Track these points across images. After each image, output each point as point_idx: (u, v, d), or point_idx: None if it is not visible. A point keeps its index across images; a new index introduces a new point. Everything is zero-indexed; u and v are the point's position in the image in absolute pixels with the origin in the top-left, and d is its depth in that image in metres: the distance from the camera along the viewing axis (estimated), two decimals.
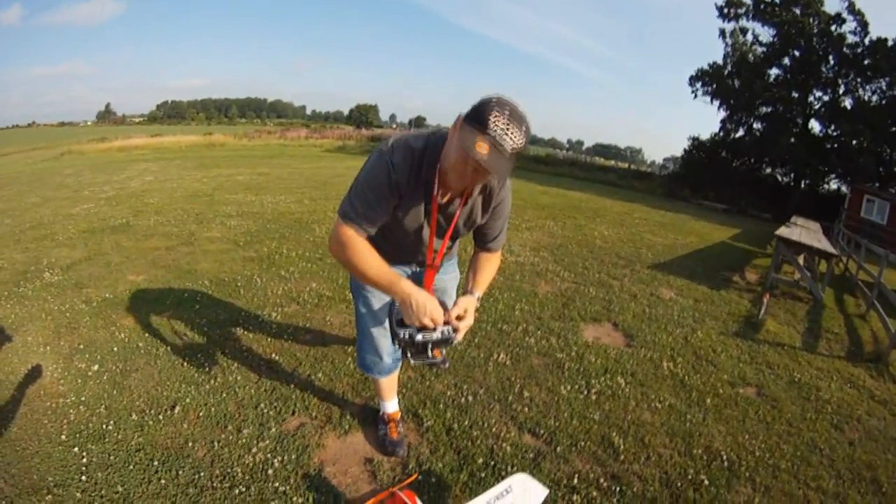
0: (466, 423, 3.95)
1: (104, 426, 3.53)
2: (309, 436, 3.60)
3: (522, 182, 22.12)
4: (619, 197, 22.80)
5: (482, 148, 2.00)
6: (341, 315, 5.57)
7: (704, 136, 38.47)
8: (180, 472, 3.18)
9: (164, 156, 23.79)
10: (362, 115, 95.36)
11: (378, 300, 3.03)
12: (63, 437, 3.41)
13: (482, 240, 2.88)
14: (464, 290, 2.82)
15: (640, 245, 11.46)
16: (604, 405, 4.45)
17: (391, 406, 3.66)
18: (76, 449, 3.30)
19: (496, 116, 2.01)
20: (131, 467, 3.19)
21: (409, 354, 2.47)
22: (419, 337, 2.38)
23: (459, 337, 2.48)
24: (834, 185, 34.56)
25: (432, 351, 2.44)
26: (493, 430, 3.93)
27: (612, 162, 44.86)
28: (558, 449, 3.81)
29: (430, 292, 2.61)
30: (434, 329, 2.39)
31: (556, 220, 13.06)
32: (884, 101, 30.22)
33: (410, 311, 2.32)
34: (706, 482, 3.63)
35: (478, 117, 2.04)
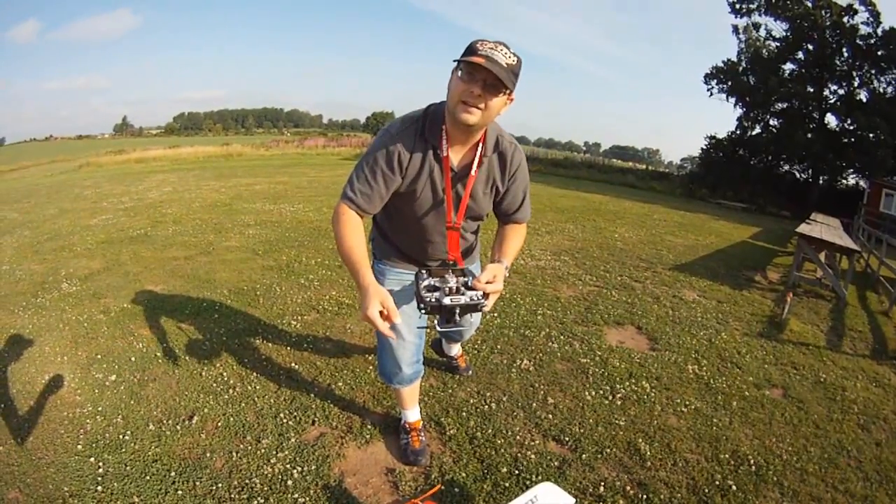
0: (490, 431, 3.90)
1: (121, 436, 3.49)
2: (329, 446, 3.55)
3: (541, 186, 22.07)
4: (638, 198, 22.71)
5: (478, 59, 2.08)
6: (361, 323, 5.47)
7: (721, 134, 38.22)
8: (198, 483, 3.14)
9: (181, 167, 23.97)
10: (379, 123, 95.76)
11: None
12: (79, 447, 3.38)
13: (506, 212, 2.84)
14: (490, 258, 2.72)
15: (661, 247, 11.37)
16: (629, 410, 4.40)
17: (412, 415, 3.60)
18: (92, 459, 3.27)
19: (482, 43, 2.14)
20: (148, 478, 3.15)
21: (436, 322, 2.38)
22: (447, 301, 2.30)
23: (489, 304, 2.40)
24: (852, 181, 34.31)
25: (461, 317, 2.35)
26: (517, 438, 3.87)
27: (630, 164, 44.73)
28: (584, 456, 3.75)
29: (458, 258, 2.69)
30: (462, 294, 2.34)
31: (575, 223, 13.00)
32: None
33: (365, 301, 2.23)
34: (734, 487, 3.57)
35: (466, 52, 2.16)
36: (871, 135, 30.47)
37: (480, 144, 2.46)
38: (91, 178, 19.12)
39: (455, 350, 4.43)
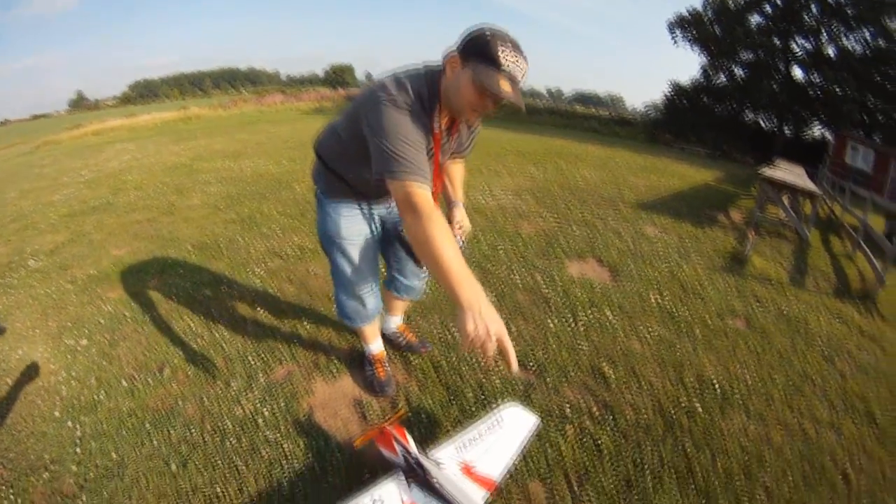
0: (454, 359, 3.99)
1: (95, 397, 3.56)
2: (297, 383, 3.64)
3: (501, 131, 21.75)
4: (601, 143, 22.40)
5: (505, 86, 2.09)
6: (324, 265, 5.46)
7: (685, 82, 37.82)
8: (172, 432, 3.23)
9: (140, 134, 23.51)
10: (338, 76, 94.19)
11: (354, 247, 2.99)
12: (56, 413, 3.44)
13: (455, 154, 2.91)
14: (447, 201, 2.98)
15: (623, 186, 11.29)
16: (592, 337, 4.49)
17: (376, 347, 3.68)
18: (70, 423, 3.34)
19: (503, 51, 2.09)
20: (124, 433, 3.23)
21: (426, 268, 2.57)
22: None
23: (465, 241, 2.69)
24: (818, 133, 34.12)
25: None
26: (482, 364, 3.95)
27: (593, 110, 44.21)
28: (548, 380, 3.86)
29: None
30: None
31: (537, 165, 12.91)
32: (868, 52, 29.75)
33: (472, 324, 1.78)
34: (700, 409, 3.69)
35: (487, 54, 2.11)
36: (837, 89, 30.28)
37: None
38: (49, 155, 18.77)
39: (396, 321, 4.10)
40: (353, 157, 2.60)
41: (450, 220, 2.89)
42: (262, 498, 2.83)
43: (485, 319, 1.80)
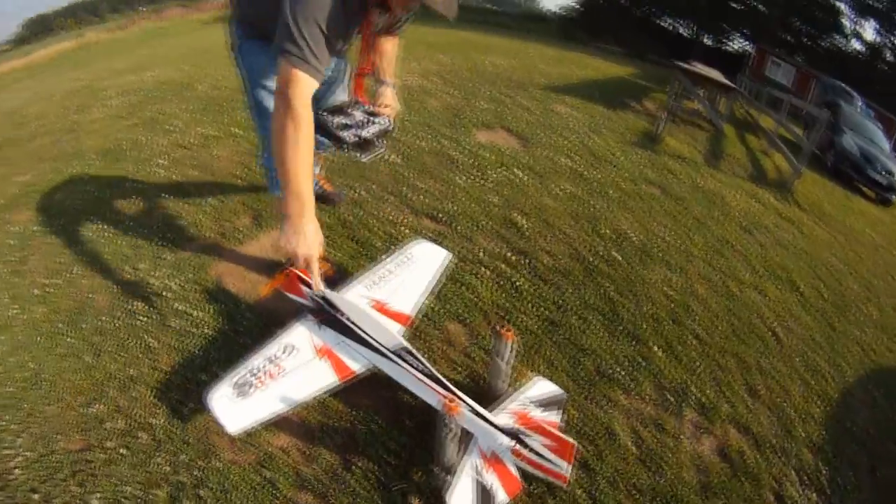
0: (362, 213, 4.05)
1: (10, 314, 3.49)
2: (204, 255, 3.66)
3: (409, 25, 21.15)
4: (513, 37, 21.61)
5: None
6: (228, 148, 5.50)
7: None
8: (84, 326, 3.22)
9: (37, 70, 22.49)
10: None
11: None
12: None
13: (387, 33, 2.95)
14: (377, 80, 3.07)
15: (534, 73, 11.07)
16: (503, 192, 4.60)
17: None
18: None
19: None
20: (39, 338, 3.20)
21: (359, 154, 2.72)
22: (365, 133, 2.64)
23: (393, 121, 2.85)
24: (738, 46, 33.68)
25: (380, 140, 2.75)
26: (390, 217, 4.04)
27: (505, 10, 43.16)
28: (459, 229, 3.96)
29: (361, 97, 2.87)
30: (372, 123, 2.68)
31: (444, 53, 12.34)
32: None
33: (304, 241, 2.32)
34: (619, 258, 3.85)
35: None
36: (762, 7, 29.98)
37: None
38: None
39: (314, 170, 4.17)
40: (268, 7, 2.41)
41: (378, 99, 2.94)
42: (175, 371, 2.88)
43: (299, 237, 2.28)
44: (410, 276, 2.98)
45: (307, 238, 2.32)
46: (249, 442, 2.50)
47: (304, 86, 2.16)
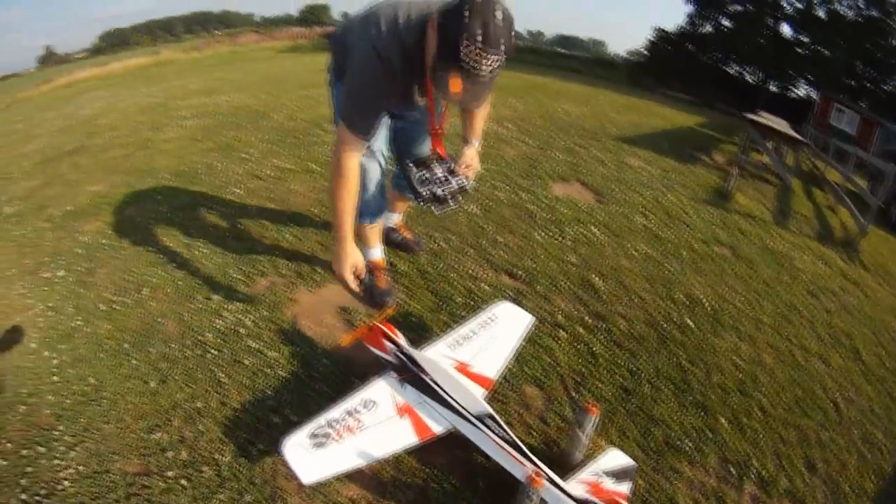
0: (441, 266, 3.98)
1: (73, 324, 3.45)
2: (280, 293, 3.59)
3: None
4: (582, 83, 21.92)
5: (455, 85, 2.06)
6: (305, 183, 5.49)
7: (670, 28, 37.32)
8: (151, 350, 3.16)
9: (112, 82, 22.97)
10: (313, 15, 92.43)
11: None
12: (33, 345, 3.32)
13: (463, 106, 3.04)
14: (463, 139, 3.15)
15: (605, 121, 11.09)
16: (580, 250, 4.54)
17: (377, 253, 3.60)
18: (46, 353, 3.22)
19: (467, 48, 1.97)
20: (102, 356, 3.15)
21: (433, 208, 2.88)
22: (440, 191, 2.80)
23: (471, 181, 3.01)
24: (803, 92, 33.61)
25: (454, 200, 2.87)
26: (470, 272, 3.97)
27: (575, 54, 43.92)
28: (538, 288, 3.89)
29: (442, 152, 2.97)
30: (449, 182, 2.83)
31: (517, 98, 12.52)
32: (860, 19, 29.17)
33: (342, 262, 2.71)
34: (692, 325, 3.76)
35: (450, 43, 2.02)
36: (826, 51, 29.89)
37: None
38: (20, 112, 18.39)
39: (395, 218, 4.15)
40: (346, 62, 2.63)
41: (461, 158, 3.06)
42: (245, 409, 2.78)
43: (337, 259, 2.73)
44: (494, 338, 2.92)
45: (340, 260, 2.70)
46: (319, 490, 2.39)
47: (350, 146, 2.52)
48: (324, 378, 2.95)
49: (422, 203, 2.87)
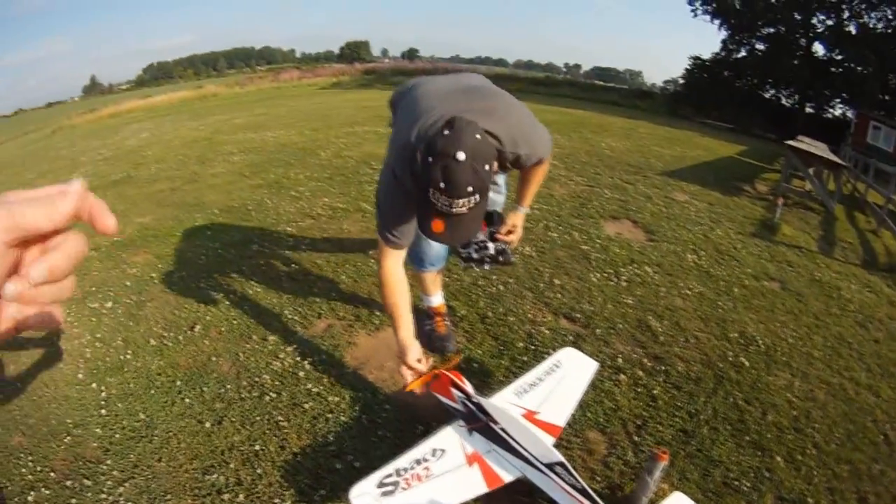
0: (501, 310, 3.92)
1: (122, 357, 3.42)
2: (338, 336, 3.52)
3: (523, 103, 21.70)
4: (622, 115, 21.95)
5: (437, 226, 2.05)
6: (358, 224, 5.48)
7: (705, 56, 37.35)
8: (205, 389, 3.10)
9: (156, 114, 23.42)
10: (353, 52, 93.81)
11: None
12: (80, 375, 3.29)
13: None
14: (516, 199, 3.10)
15: (649, 155, 11.14)
16: (635, 291, 4.51)
17: (437, 299, 3.51)
18: (94, 385, 3.19)
19: (434, 194, 1.95)
20: (153, 392, 3.10)
21: (474, 266, 2.96)
22: (476, 256, 2.87)
23: (514, 245, 3.06)
24: (839, 111, 33.53)
25: (492, 264, 2.95)
26: (529, 316, 3.92)
27: (612, 84, 44.07)
28: (597, 332, 3.84)
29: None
30: (486, 248, 2.89)
31: (561, 133, 12.58)
32: (890, 30, 29.16)
33: (407, 354, 2.62)
34: (746, 364, 3.71)
35: (423, 185, 2.02)
36: (859, 67, 29.79)
37: None
38: (66, 139, 18.72)
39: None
40: None
41: (507, 219, 3.10)
42: (306, 454, 2.69)
43: (399, 348, 2.65)
44: (559, 385, 2.85)
45: (402, 354, 2.63)
46: None
47: (389, 255, 2.59)
48: (386, 424, 2.87)
49: (461, 263, 3.04)
